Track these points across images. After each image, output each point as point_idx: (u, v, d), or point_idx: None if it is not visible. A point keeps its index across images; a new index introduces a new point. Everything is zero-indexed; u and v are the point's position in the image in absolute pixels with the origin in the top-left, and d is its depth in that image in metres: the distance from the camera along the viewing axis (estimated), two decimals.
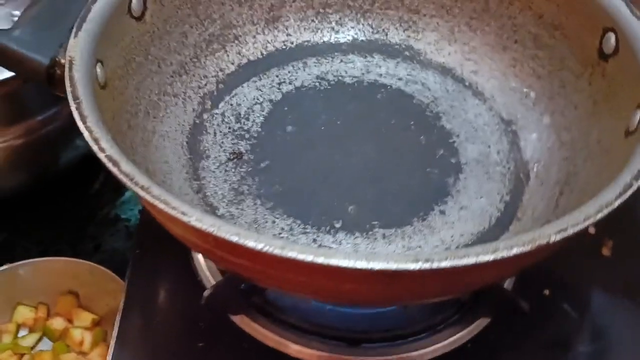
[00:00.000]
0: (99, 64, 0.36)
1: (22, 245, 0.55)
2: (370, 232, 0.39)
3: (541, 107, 0.44)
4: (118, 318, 0.40)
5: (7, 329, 0.49)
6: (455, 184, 0.42)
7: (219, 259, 0.31)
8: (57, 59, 0.35)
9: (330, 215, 0.40)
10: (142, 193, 0.27)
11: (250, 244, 0.26)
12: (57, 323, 0.49)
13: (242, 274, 0.32)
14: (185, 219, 0.26)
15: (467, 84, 0.48)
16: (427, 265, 0.25)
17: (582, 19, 0.41)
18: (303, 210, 0.40)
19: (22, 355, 0.48)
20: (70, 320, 0.49)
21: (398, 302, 0.37)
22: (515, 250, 0.26)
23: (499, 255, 0.26)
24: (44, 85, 0.35)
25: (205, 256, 0.40)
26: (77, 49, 0.34)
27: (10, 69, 0.35)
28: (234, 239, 0.26)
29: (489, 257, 0.25)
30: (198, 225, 0.26)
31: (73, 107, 0.31)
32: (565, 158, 0.41)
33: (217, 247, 0.28)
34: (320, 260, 0.25)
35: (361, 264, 0.25)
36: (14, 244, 0.56)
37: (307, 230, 0.39)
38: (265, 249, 0.26)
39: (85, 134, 0.30)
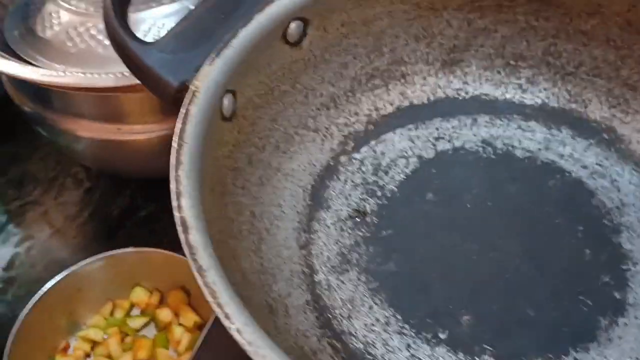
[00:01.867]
0: (228, 95, 0.33)
1: (163, 223, 0.57)
2: (477, 359, 0.32)
3: None
4: (200, 340, 0.39)
5: (122, 305, 0.51)
6: (610, 328, 0.33)
7: None
8: (187, 84, 0.33)
9: (438, 321, 0.33)
10: (196, 275, 0.24)
11: None
12: (165, 314, 0.50)
13: None
14: (226, 323, 0.23)
15: None
16: None
17: None
18: (409, 303, 0.34)
19: (126, 335, 0.49)
20: (177, 315, 0.50)
21: None
22: None
23: None
24: (172, 108, 0.33)
25: None
26: (206, 79, 0.32)
27: (143, 84, 0.34)
28: None
29: None
30: (236, 336, 0.23)
31: (174, 147, 0.29)
32: None
33: None
34: None
35: None
36: (157, 220, 0.58)
37: (405, 331, 0.33)
38: None
39: (172, 184, 0.27)
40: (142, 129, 0.48)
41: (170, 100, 0.33)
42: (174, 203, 0.27)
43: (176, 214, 0.26)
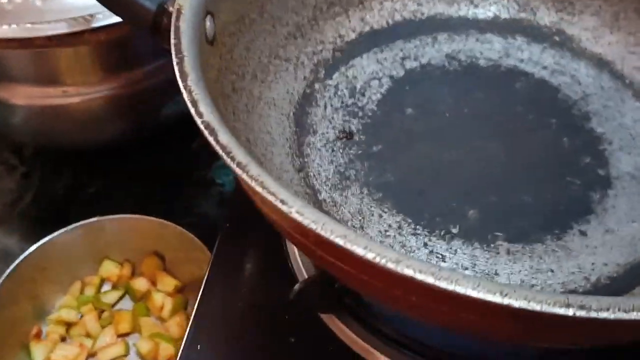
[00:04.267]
0: (209, 17, 0.32)
1: (116, 197, 0.54)
2: (492, 245, 0.33)
3: None
4: (199, 295, 0.37)
5: (92, 282, 0.47)
6: (602, 201, 0.35)
7: (317, 258, 0.26)
8: (165, 7, 0.31)
9: (447, 218, 0.34)
10: (238, 171, 0.23)
11: (359, 251, 0.21)
12: (141, 283, 0.47)
13: (342, 279, 0.27)
14: (284, 208, 0.22)
15: (627, 81, 0.40)
16: (581, 313, 0.20)
17: None
18: (415, 207, 0.35)
19: (103, 310, 0.46)
20: (153, 283, 0.47)
21: (520, 341, 0.31)
22: None
23: None
24: (149, 34, 0.31)
25: (300, 250, 0.36)
26: None
27: (116, 13, 0.32)
28: (339, 241, 0.21)
29: None
30: (298, 218, 0.22)
31: (175, 62, 0.27)
32: None
33: (316, 246, 0.23)
34: (443, 285, 0.20)
35: (494, 298, 0.20)
36: (108, 195, 0.54)
37: (418, 232, 0.34)
38: (375, 260, 0.21)
39: (185, 94, 0.26)
40: (86, 90, 0.45)
41: (149, 27, 0.31)
42: (192, 110, 0.25)
43: (198, 119, 0.25)
